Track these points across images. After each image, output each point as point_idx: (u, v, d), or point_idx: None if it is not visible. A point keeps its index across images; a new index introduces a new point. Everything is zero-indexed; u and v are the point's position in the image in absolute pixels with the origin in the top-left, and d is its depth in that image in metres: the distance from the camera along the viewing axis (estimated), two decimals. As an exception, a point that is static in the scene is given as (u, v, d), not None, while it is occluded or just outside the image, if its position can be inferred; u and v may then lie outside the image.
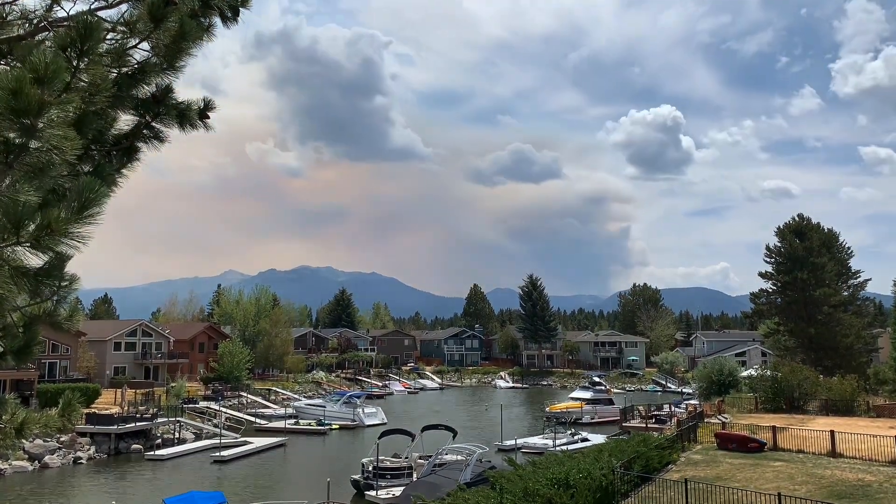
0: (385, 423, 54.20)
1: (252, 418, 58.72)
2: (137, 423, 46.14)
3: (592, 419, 59.27)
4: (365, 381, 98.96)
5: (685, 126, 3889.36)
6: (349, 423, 57.45)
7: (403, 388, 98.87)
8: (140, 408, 51.44)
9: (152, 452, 43.06)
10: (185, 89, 4.66)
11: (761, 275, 74.90)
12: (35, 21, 4.03)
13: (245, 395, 70.85)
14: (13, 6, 4.11)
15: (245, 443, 46.50)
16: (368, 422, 57.36)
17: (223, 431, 48.10)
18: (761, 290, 75.81)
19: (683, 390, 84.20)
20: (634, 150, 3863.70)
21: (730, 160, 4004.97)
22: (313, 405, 63.08)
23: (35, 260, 3.46)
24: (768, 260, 74.86)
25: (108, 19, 4.04)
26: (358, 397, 65.77)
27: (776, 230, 75.34)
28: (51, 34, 3.87)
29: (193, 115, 4.72)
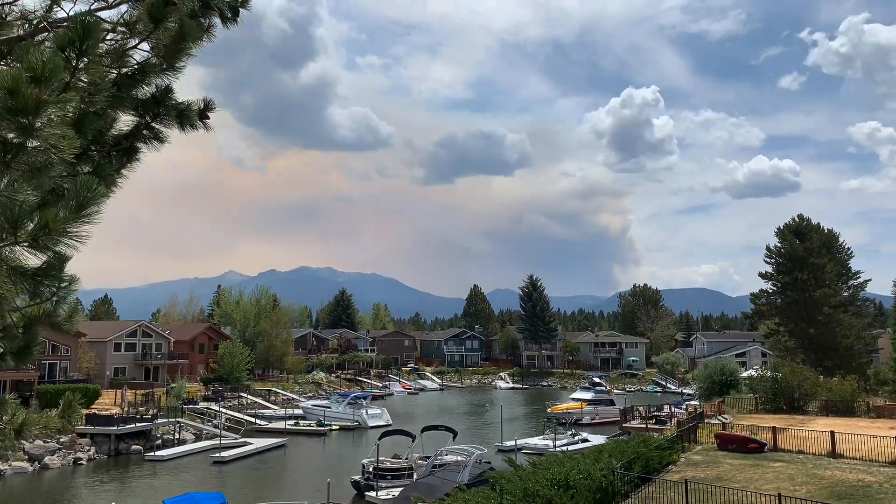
0: (391, 425, 54.07)
1: (252, 419, 58.75)
2: (137, 424, 46.14)
3: (593, 420, 59.25)
4: (365, 382, 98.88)
5: (667, 113, 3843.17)
6: (349, 423, 57.42)
7: (403, 389, 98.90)
8: (140, 408, 51.50)
9: (152, 453, 43.09)
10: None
11: (761, 275, 74.93)
12: (35, 21, 4.02)
13: (245, 395, 70.83)
14: (13, 6, 4.10)
15: (245, 443, 46.54)
16: (372, 423, 57.18)
17: (223, 432, 48.12)
18: (761, 290, 75.84)
19: (683, 391, 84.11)
20: (613, 139, 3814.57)
21: (716, 154, 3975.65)
22: (320, 406, 63.17)
23: (34, 260, 3.45)
24: (768, 260, 74.87)
25: (108, 20, 4.03)
26: (364, 398, 65.61)
27: (776, 230, 75.40)
28: (51, 34, 3.86)
29: (193, 116, 4.71)
